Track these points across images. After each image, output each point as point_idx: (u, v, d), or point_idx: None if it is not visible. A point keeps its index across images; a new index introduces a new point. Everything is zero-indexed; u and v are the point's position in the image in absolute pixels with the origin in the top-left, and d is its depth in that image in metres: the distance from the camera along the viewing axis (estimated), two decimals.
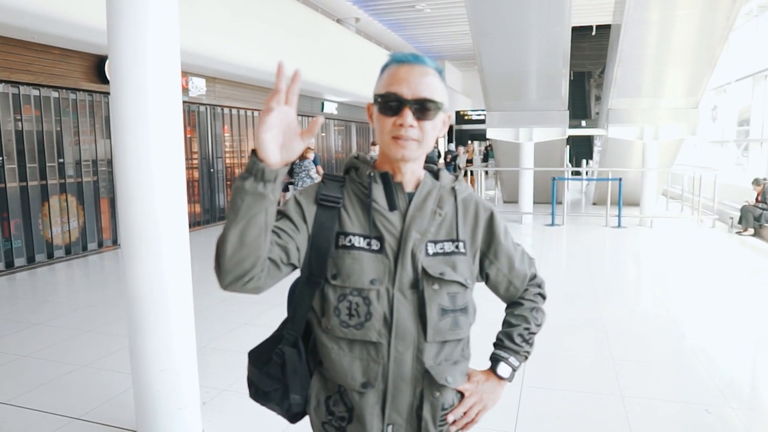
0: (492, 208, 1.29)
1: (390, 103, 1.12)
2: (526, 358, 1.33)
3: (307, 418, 1.27)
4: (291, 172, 9.37)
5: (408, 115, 1.11)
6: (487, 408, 1.29)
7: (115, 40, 2.61)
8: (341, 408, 1.19)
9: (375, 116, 1.17)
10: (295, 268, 1.17)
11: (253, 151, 1.00)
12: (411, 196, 1.19)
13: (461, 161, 16.49)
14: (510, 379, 1.31)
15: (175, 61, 2.74)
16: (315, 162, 9.48)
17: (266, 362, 1.23)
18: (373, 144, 13.82)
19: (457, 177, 1.26)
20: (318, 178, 1.22)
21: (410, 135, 1.12)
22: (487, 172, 15.54)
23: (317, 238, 1.16)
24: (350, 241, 1.16)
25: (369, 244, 1.16)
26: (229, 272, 1.04)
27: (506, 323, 1.36)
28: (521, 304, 1.35)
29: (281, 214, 1.17)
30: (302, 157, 9.21)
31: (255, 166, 0.99)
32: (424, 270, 1.16)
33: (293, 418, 1.28)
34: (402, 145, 1.12)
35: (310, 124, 1.01)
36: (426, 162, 1.25)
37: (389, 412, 1.17)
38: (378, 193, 1.18)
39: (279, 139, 1.00)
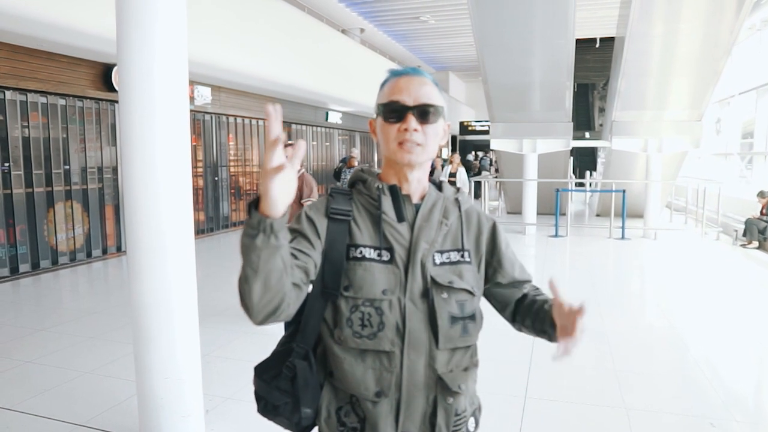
0: (494, 219, 1.33)
1: (394, 111, 1.17)
2: None
3: (315, 430, 1.27)
4: (337, 177, 10.44)
5: (412, 120, 1.16)
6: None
7: (125, 49, 2.64)
8: (353, 418, 1.20)
9: (379, 126, 1.22)
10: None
11: (251, 207, 0.96)
12: (417, 207, 1.23)
13: (441, 176, 11.54)
14: None
15: (182, 70, 2.77)
16: None
17: (275, 376, 1.23)
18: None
19: (458, 189, 1.30)
20: None
21: (415, 139, 1.16)
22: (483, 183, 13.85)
23: (331, 252, 1.17)
24: (361, 252, 1.18)
25: (379, 255, 1.18)
26: (260, 313, 1.04)
27: (530, 302, 1.31)
28: (526, 294, 1.35)
29: (295, 233, 1.18)
30: (349, 165, 10.37)
31: (262, 224, 0.95)
32: (433, 279, 1.18)
33: (302, 431, 1.27)
34: (408, 149, 1.17)
35: (293, 148, 0.96)
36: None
37: (403, 421, 1.18)
38: (387, 204, 1.21)
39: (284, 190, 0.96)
